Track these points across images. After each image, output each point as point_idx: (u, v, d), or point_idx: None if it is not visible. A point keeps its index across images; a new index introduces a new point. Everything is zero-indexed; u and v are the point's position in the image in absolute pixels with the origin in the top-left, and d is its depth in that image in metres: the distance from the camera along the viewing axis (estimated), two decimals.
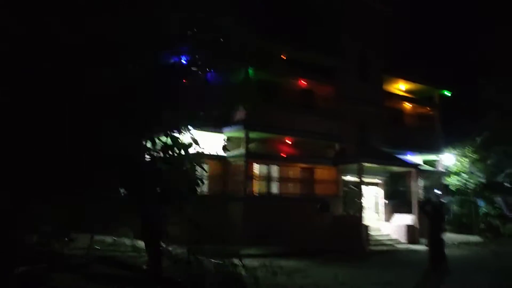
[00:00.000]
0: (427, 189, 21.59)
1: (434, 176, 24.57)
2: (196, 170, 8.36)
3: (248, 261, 12.68)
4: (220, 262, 10.66)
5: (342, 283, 10.61)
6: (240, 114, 17.86)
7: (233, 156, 18.15)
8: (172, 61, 19.93)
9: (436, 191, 17.05)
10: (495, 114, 23.01)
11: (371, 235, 19.24)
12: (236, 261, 12.31)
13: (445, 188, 25.07)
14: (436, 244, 12.54)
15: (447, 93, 25.50)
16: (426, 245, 13.23)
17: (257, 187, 18.42)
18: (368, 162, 19.16)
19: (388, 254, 16.66)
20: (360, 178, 18.80)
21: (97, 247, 11.88)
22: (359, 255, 16.19)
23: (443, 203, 14.50)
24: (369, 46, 21.86)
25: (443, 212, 13.06)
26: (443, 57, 31.46)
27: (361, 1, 21.98)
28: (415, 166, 21.14)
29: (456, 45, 31.52)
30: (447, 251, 16.77)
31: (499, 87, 22.37)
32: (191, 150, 17.65)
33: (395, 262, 14.88)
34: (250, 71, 18.13)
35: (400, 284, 10.83)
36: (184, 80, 19.12)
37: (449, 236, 22.64)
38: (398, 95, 24.34)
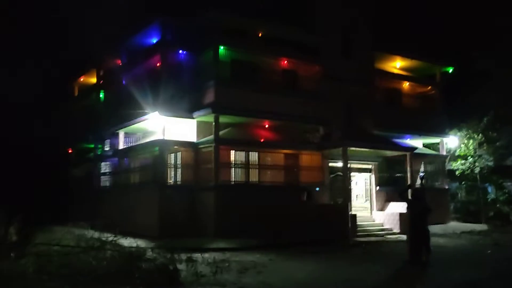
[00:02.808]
0: (415, 174, 19.73)
1: (436, 161, 22.70)
2: None
3: (209, 256, 11.66)
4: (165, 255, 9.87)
5: (295, 280, 9.47)
6: (210, 97, 16.56)
7: (203, 143, 16.87)
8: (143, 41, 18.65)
9: (421, 174, 15.34)
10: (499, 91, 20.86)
11: (361, 225, 17.72)
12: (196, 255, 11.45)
13: (449, 174, 23.16)
14: (417, 235, 11.14)
15: (450, 70, 23.44)
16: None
17: (234, 175, 17.08)
18: (354, 146, 17.56)
19: (372, 246, 15.12)
20: (345, 163, 17.21)
21: None
22: (341, 247, 14.75)
23: (424, 189, 12.93)
24: (355, 21, 20.14)
25: (424, 199, 11.55)
26: (442, 31, 29.13)
27: None
28: (410, 149, 19.35)
29: (455, 18, 29.17)
30: (441, 241, 15.29)
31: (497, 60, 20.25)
32: (159, 137, 16.66)
33: (374, 255, 13.41)
34: (221, 50, 16.82)
35: (360, 281, 9.38)
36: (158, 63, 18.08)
37: (452, 225, 21.00)
38: (393, 73, 22.49)
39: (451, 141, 23.16)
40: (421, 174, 13.95)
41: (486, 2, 27.31)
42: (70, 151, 26.33)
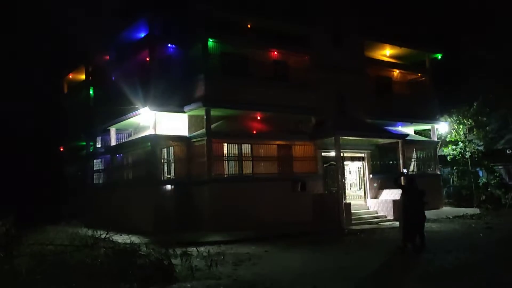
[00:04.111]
0: (407, 161, 19.77)
1: (428, 147, 22.83)
2: None
3: (204, 249, 11.65)
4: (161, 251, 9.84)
5: (292, 270, 9.56)
6: (200, 90, 16.47)
7: (195, 136, 16.81)
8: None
9: (404, 170, 15.45)
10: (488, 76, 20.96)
11: (355, 213, 17.85)
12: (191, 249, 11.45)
13: (441, 159, 23.31)
14: (412, 220, 11.20)
15: (439, 56, 23.49)
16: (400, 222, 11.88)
17: (227, 168, 17.05)
18: (346, 135, 17.59)
19: (367, 233, 15.21)
20: (338, 152, 17.25)
21: None
22: (336, 236, 14.84)
23: (414, 176, 13.04)
24: (344, 11, 20.09)
25: (417, 184, 11.63)
26: (430, 18, 29.12)
27: None
28: (402, 136, 19.43)
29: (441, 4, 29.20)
30: (434, 226, 15.42)
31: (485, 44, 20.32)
32: (151, 132, 16.54)
33: (369, 243, 13.50)
34: (210, 42, 16.70)
35: (355, 269, 9.45)
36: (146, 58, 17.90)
37: (445, 210, 21.19)
38: (383, 61, 22.51)
39: (442, 127, 23.29)
40: (404, 171, 14.06)
41: None
42: (61, 149, 26.14)
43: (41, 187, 23.12)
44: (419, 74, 23.42)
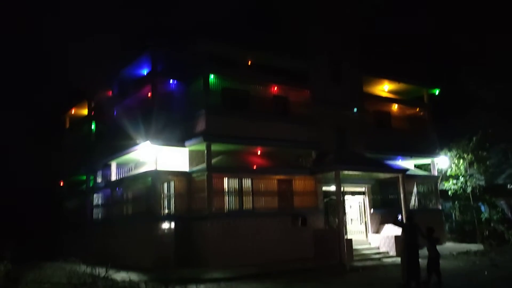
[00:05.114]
0: (408, 195, 19.68)
1: (429, 181, 22.78)
2: None
3: (205, 287, 11.45)
4: None
5: None
6: (201, 125, 16.62)
7: (196, 171, 16.82)
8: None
9: (399, 216, 15.42)
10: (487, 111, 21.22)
11: (357, 249, 17.59)
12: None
13: (442, 194, 23.20)
14: (413, 257, 11.11)
15: (436, 91, 23.85)
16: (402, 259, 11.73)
17: (228, 203, 16.95)
18: (346, 169, 17.59)
19: (369, 271, 14.95)
20: (338, 187, 17.21)
21: None
22: (338, 273, 14.59)
23: (413, 213, 13.01)
24: (343, 47, 20.57)
25: (416, 221, 11.61)
26: (426, 55, 29.79)
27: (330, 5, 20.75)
28: (402, 171, 19.42)
29: (437, 41, 30.02)
30: (442, 262, 15.21)
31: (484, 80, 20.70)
32: (151, 167, 16.54)
33: (371, 280, 13.23)
34: (212, 78, 17.01)
35: None
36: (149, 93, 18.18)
37: (449, 246, 20.89)
38: (382, 96, 22.80)
39: (442, 162, 23.31)
40: (399, 217, 14.09)
41: (470, 23, 28.11)
42: (61, 183, 26.07)
43: (39, 223, 22.92)
44: (418, 109, 23.68)
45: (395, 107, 22.95)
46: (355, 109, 20.04)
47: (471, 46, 22.44)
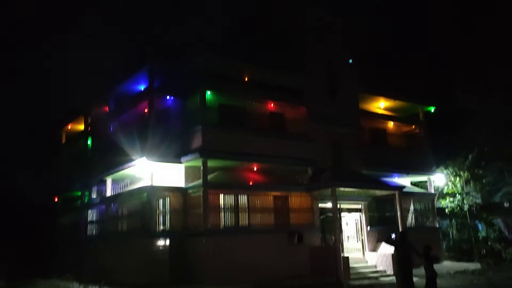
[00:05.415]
0: (404, 213, 19.56)
1: (425, 199, 22.73)
2: None
3: None
4: None
5: None
6: (197, 142, 16.61)
7: (192, 187, 16.73)
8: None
9: (392, 235, 15.35)
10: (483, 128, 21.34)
11: (354, 267, 17.42)
12: None
13: (439, 212, 23.11)
14: (407, 275, 11.00)
15: (432, 109, 24.01)
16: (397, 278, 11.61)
17: (223, 219, 16.82)
18: (342, 186, 17.52)
19: None
20: (334, 204, 17.13)
21: None
22: None
23: (406, 232, 12.96)
24: (339, 64, 20.77)
25: (409, 239, 11.54)
26: (424, 71, 30.15)
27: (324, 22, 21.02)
28: (399, 188, 19.38)
29: (432, 58, 30.50)
30: (439, 281, 15.04)
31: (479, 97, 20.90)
32: (147, 183, 16.45)
33: None
34: (208, 94, 17.09)
35: None
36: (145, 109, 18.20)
37: (446, 264, 20.71)
38: (378, 113, 22.92)
39: (439, 179, 23.30)
40: (393, 236, 14.05)
41: (465, 43, 28.57)
42: (56, 199, 25.86)
43: (34, 239, 22.65)
44: (414, 126, 23.79)
45: (391, 124, 23.06)
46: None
47: (466, 63, 22.79)
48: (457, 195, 22.38)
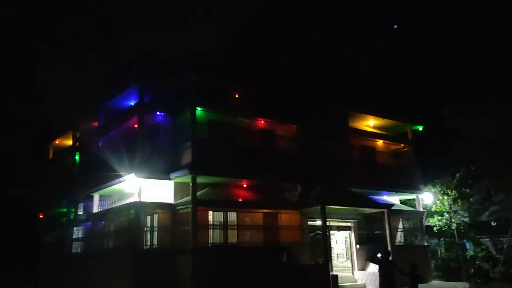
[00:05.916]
0: (393, 231, 19.55)
1: (414, 217, 22.79)
2: None
3: None
4: None
5: None
6: (187, 158, 16.53)
7: (180, 204, 16.57)
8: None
9: (379, 255, 15.33)
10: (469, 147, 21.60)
11: (343, 286, 17.29)
12: None
13: (428, 230, 23.15)
14: None
15: (420, 128, 24.31)
16: None
17: (212, 236, 16.64)
18: (332, 204, 17.55)
19: None
20: (324, 222, 17.08)
21: None
22: None
23: (388, 250, 13.00)
24: (330, 82, 21.01)
25: (392, 259, 11.56)
26: (410, 91, 30.65)
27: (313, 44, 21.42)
28: (388, 206, 19.45)
29: (420, 78, 31.11)
30: None
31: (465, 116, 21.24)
32: (135, 199, 16.23)
33: None
34: (198, 111, 17.10)
35: None
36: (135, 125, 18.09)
37: (435, 284, 20.67)
38: (367, 131, 23.12)
39: (427, 197, 23.39)
40: (379, 255, 14.16)
41: (454, 61, 29.17)
42: (41, 216, 25.36)
43: (16, 259, 22.10)
44: (402, 145, 24.00)
45: (380, 142, 23.24)
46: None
47: (455, 83, 23.25)
48: (445, 213, 22.43)
